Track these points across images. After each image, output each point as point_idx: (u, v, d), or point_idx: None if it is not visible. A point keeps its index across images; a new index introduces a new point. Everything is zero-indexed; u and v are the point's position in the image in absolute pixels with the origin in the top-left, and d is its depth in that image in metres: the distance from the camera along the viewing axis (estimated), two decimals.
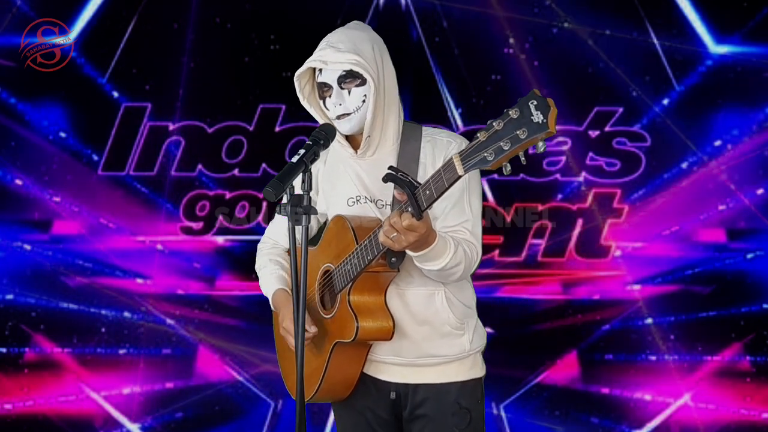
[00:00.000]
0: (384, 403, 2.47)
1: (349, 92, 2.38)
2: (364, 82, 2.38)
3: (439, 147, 2.40)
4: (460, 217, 2.36)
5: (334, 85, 2.38)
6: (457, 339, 2.42)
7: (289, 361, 2.56)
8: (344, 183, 2.46)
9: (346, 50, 2.36)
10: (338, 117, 2.40)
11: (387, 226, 2.13)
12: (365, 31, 2.47)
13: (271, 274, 2.56)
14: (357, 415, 2.50)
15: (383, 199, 2.39)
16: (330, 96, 2.40)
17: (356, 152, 2.44)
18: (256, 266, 2.64)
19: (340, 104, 2.38)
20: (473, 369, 2.47)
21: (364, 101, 2.38)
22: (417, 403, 2.43)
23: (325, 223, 2.50)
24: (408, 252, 2.23)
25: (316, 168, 2.53)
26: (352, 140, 2.48)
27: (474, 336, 2.45)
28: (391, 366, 2.43)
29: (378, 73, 2.38)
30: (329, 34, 2.43)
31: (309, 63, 2.41)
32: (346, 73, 2.37)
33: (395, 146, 2.43)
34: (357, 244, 2.28)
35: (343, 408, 2.53)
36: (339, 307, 2.35)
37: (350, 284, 2.31)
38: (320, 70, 2.40)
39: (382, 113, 2.41)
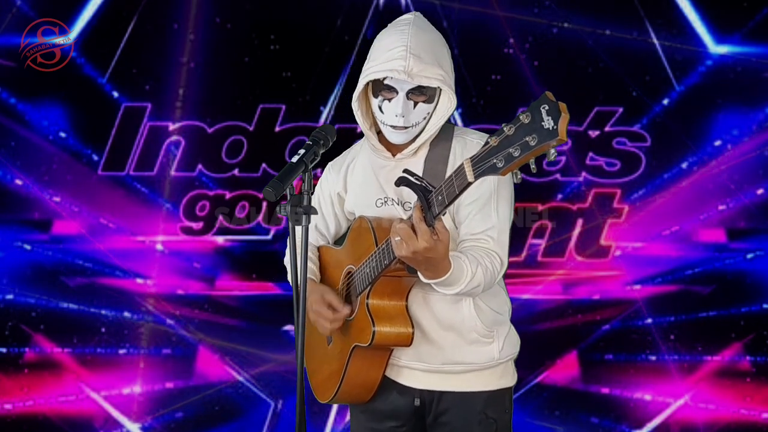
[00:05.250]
0: (408, 409, 2.38)
1: (415, 105, 2.25)
2: (431, 99, 2.26)
3: (469, 148, 2.27)
4: (485, 224, 2.25)
5: (401, 93, 2.23)
6: (486, 347, 2.33)
7: (314, 360, 2.50)
8: (373, 183, 2.37)
9: (430, 62, 2.21)
10: (394, 127, 2.27)
11: (393, 229, 2.05)
12: (437, 33, 2.30)
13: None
14: (378, 423, 2.41)
15: (411, 201, 2.29)
16: (390, 101, 2.25)
17: (393, 155, 2.34)
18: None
19: (403, 116, 2.24)
20: (503, 378, 2.39)
21: (425, 118, 2.27)
22: (441, 410, 2.35)
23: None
24: (422, 279, 2.13)
25: (346, 165, 2.45)
26: (387, 142, 2.36)
27: (505, 344, 2.37)
28: (416, 372, 2.34)
29: (453, 87, 2.26)
30: (398, 35, 2.22)
31: (387, 72, 2.19)
32: (420, 86, 2.23)
33: (427, 147, 2.33)
34: (376, 246, 2.20)
35: (363, 413, 2.44)
36: (358, 310, 2.29)
37: (369, 288, 2.24)
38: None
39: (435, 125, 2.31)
